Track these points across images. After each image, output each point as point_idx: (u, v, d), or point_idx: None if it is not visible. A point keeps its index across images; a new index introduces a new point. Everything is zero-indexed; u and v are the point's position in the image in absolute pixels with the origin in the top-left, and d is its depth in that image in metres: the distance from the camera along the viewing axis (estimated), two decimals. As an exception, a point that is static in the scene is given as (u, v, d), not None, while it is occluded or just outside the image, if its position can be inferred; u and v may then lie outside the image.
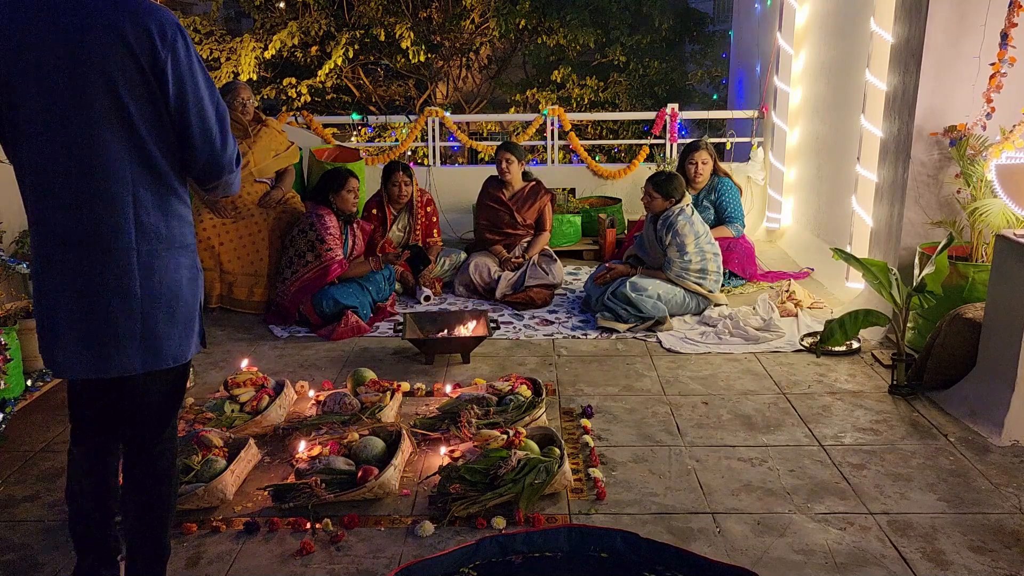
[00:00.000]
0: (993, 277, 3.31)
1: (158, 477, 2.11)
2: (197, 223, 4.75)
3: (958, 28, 3.88)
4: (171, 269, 1.92)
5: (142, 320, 1.89)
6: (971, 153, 3.82)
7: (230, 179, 2.00)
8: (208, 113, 1.89)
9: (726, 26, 13.05)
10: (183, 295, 1.96)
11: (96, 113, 1.80)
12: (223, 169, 1.97)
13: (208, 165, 1.94)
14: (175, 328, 1.95)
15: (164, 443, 2.10)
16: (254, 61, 11.45)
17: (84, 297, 1.86)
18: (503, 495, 2.68)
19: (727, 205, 5.27)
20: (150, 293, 1.89)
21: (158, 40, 1.79)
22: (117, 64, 1.78)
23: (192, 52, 1.86)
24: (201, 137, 1.89)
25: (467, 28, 12.55)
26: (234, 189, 2.07)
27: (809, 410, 3.45)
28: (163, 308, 1.92)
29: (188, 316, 1.98)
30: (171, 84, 1.82)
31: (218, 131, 1.92)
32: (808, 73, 6.10)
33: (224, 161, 1.96)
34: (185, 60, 1.84)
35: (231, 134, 1.98)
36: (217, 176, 1.97)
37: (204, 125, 1.89)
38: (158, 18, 1.81)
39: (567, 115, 6.78)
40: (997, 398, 3.20)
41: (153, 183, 1.88)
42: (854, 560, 2.43)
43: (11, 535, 2.61)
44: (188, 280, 1.97)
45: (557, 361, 4.05)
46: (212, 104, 1.90)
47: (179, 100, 1.84)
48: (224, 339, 4.42)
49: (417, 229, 5.32)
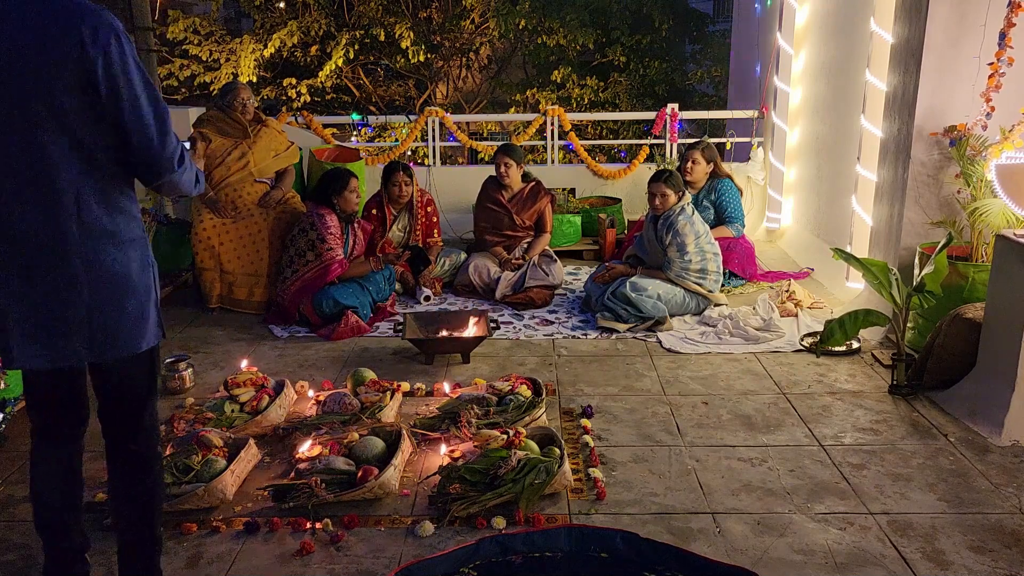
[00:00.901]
0: (993, 277, 3.31)
1: (140, 470, 2.17)
2: (197, 223, 4.75)
3: (958, 28, 3.88)
4: (118, 263, 1.97)
5: (88, 312, 1.95)
6: (971, 153, 3.82)
7: (174, 179, 2.02)
8: (144, 112, 1.92)
9: (726, 26, 13.05)
10: (132, 287, 2.00)
11: (33, 117, 1.84)
12: (163, 168, 1.99)
13: (147, 164, 1.97)
14: (125, 319, 2.00)
15: (143, 436, 2.16)
16: (254, 62, 11.46)
17: (32, 291, 1.93)
18: (503, 495, 2.68)
19: (727, 205, 5.27)
20: (96, 286, 1.94)
21: (88, 42, 1.83)
22: (50, 68, 1.82)
23: (128, 52, 1.89)
24: (137, 136, 1.92)
25: (467, 28, 12.56)
26: (183, 189, 2.09)
27: (809, 410, 3.45)
28: (110, 300, 1.97)
29: (139, 308, 2.02)
30: (103, 85, 1.85)
31: (156, 130, 1.94)
32: (808, 73, 6.10)
33: (163, 160, 1.97)
34: (118, 61, 1.87)
35: (172, 134, 2.00)
36: (158, 175, 2.00)
37: (140, 124, 1.92)
38: (91, 20, 1.85)
39: (567, 115, 6.78)
40: (997, 398, 3.20)
41: (95, 181, 1.93)
42: (854, 560, 2.44)
43: (11, 535, 2.61)
44: (138, 273, 2.02)
45: (557, 361, 4.06)
46: (150, 103, 1.93)
47: (112, 100, 1.87)
48: (224, 339, 4.42)
49: (417, 229, 5.32)
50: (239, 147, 4.92)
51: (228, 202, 4.85)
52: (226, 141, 4.92)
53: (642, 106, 11.96)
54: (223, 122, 4.92)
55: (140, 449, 2.16)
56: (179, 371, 3.70)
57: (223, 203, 4.83)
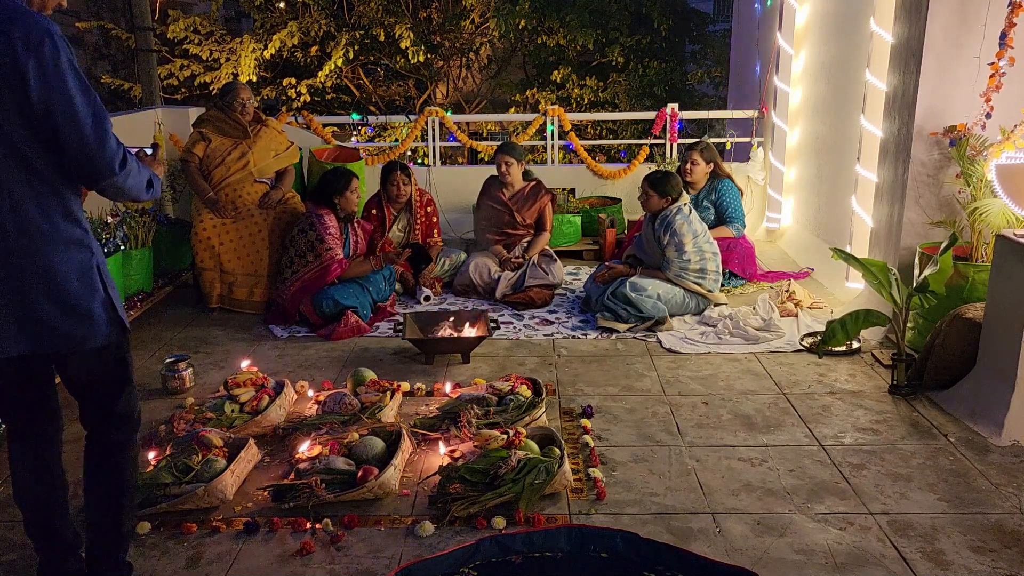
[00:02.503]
0: (993, 277, 3.31)
1: (112, 459, 2.22)
2: (197, 223, 4.75)
3: (958, 28, 3.88)
4: (56, 263, 1.98)
5: (22, 306, 1.97)
6: (971, 153, 3.82)
7: (116, 182, 2.01)
8: (79, 116, 1.90)
9: (726, 26, 13.05)
10: (71, 287, 2.00)
11: None
12: (102, 172, 1.97)
13: (85, 168, 1.96)
14: (65, 317, 2.00)
15: (114, 425, 2.20)
16: (254, 62, 11.46)
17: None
18: (503, 495, 2.68)
19: (727, 205, 5.27)
20: (31, 282, 1.96)
21: (19, 45, 1.82)
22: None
23: (62, 55, 1.88)
24: (72, 140, 1.91)
25: (467, 28, 12.56)
26: (131, 195, 2.08)
27: (809, 410, 3.45)
28: (46, 297, 1.98)
29: (81, 307, 2.02)
30: (33, 89, 1.85)
31: (93, 134, 1.93)
32: (808, 73, 6.10)
33: (103, 164, 1.96)
34: (51, 64, 1.86)
35: (111, 137, 1.98)
36: (98, 179, 1.99)
37: (75, 128, 1.90)
38: (23, 23, 1.84)
39: (567, 115, 6.79)
40: (997, 398, 3.20)
41: (30, 182, 1.93)
42: (854, 560, 2.44)
43: (11, 535, 2.61)
44: (80, 274, 2.02)
45: (557, 361, 4.06)
46: (86, 107, 1.91)
47: (44, 104, 1.87)
48: (224, 339, 4.42)
49: (417, 229, 5.32)
50: (239, 147, 4.92)
51: (228, 202, 4.85)
52: (226, 141, 4.92)
53: (641, 106, 11.96)
54: (223, 122, 4.92)
55: (114, 438, 2.20)
56: (179, 371, 3.70)
57: (223, 203, 4.83)
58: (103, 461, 2.21)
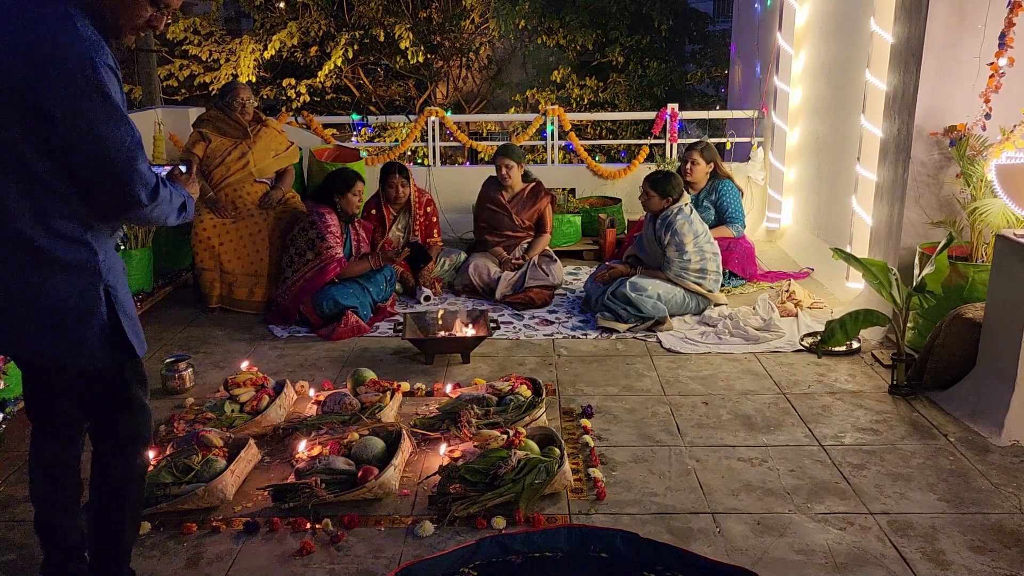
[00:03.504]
0: (993, 277, 3.31)
1: (112, 488, 2.14)
2: (197, 223, 4.75)
3: (958, 28, 3.88)
4: (46, 285, 1.87)
5: (16, 316, 1.90)
6: (971, 153, 3.81)
7: (144, 214, 1.89)
8: (108, 149, 1.78)
9: (726, 26, 13.05)
10: (65, 313, 1.90)
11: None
12: (130, 205, 1.86)
13: (111, 202, 1.86)
14: (54, 336, 1.91)
15: (121, 457, 2.12)
16: (253, 63, 11.46)
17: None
18: (503, 495, 2.68)
19: (728, 205, 5.27)
20: (17, 297, 1.88)
21: (49, 72, 1.72)
22: (3, 96, 1.74)
23: (91, 82, 1.75)
24: (98, 175, 1.81)
25: (467, 28, 12.56)
26: (159, 222, 1.97)
27: (809, 410, 3.45)
28: (31, 315, 1.89)
29: (74, 332, 1.91)
30: (58, 124, 1.75)
31: (124, 170, 1.81)
32: (808, 73, 6.10)
33: (131, 198, 1.85)
34: (81, 92, 1.74)
35: (144, 163, 1.85)
36: (124, 211, 1.88)
37: (102, 164, 1.79)
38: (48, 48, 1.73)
39: (567, 115, 6.78)
40: (997, 398, 3.20)
41: (40, 200, 1.83)
42: (854, 560, 2.44)
43: (11, 535, 2.61)
44: (75, 302, 1.90)
45: (557, 361, 4.05)
46: (114, 138, 1.79)
47: (70, 138, 1.76)
48: (224, 339, 4.42)
49: (416, 229, 5.32)
50: (239, 147, 4.91)
51: (228, 202, 4.84)
52: (226, 141, 4.92)
53: (641, 107, 11.96)
54: (223, 122, 4.92)
55: (117, 459, 2.13)
56: (179, 371, 3.70)
57: (223, 203, 4.82)
58: (105, 480, 2.14)
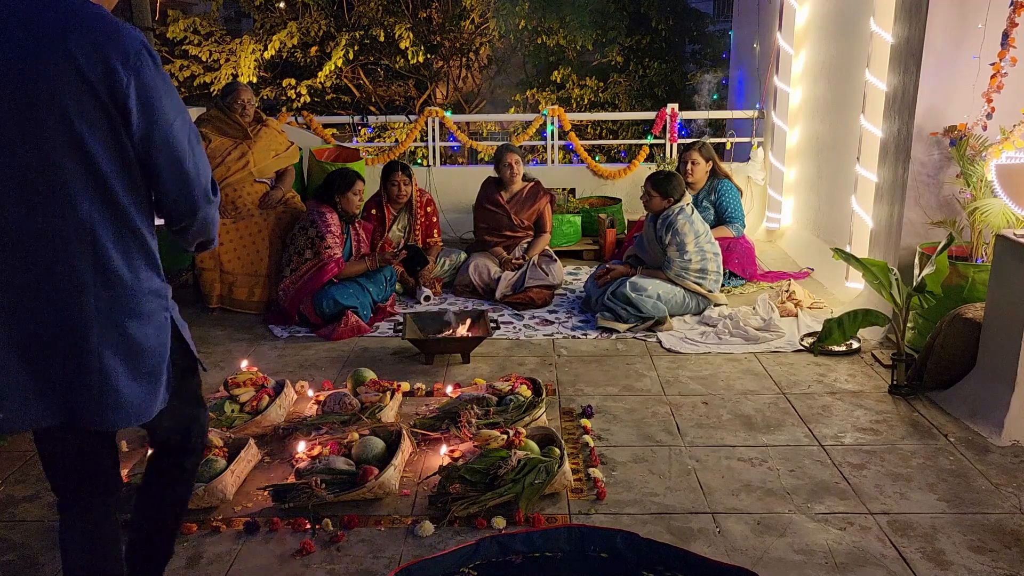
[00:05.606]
0: (993, 277, 3.31)
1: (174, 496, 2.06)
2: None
3: (958, 28, 3.88)
4: (134, 318, 1.71)
5: (100, 375, 1.68)
6: (971, 153, 3.81)
7: (206, 216, 1.78)
8: (179, 143, 1.69)
9: (726, 26, 13.05)
10: (149, 347, 1.75)
11: (49, 146, 1.59)
12: (196, 203, 1.75)
13: (179, 201, 1.73)
14: (139, 384, 1.73)
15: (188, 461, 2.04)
16: (254, 63, 11.45)
17: (28, 348, 1.65)
18: (503, 495, 2.68)
19: (727, 205, 5.27)
20: (108, 345, 1.68)
21: (119, 67, 1.59)
22: (71, 95, 1.58)
23: (159, 74, 1.65)
24: (171, 172, 1.69)
25: (467, 28, 12.55)
26: (211, 232, 1.84)
27: (809, 410, 3.45)
28: (124, 362, 1.70)
29: (154, 369, 1.77)
30: (135, 115, 1.62)
31: (192, 163, 1.71)
32: (808, 73, 6.10)
33: (197, 195, 1.74)
34: (152, 86, 1.63)
35: (205, 162, 1.76)
36: (192, 212, 1.75)
37: (174, 157, 1.68)
38: (119, 42, 1.60)
39: (567, 115, 6.79)
40: (997, 398, 3.20)
41: (115, 222, 1.67)
42: (854, 560, 2.43)
43: (11, 535, 2.61)
44: (155, 330, 1.76)
45: (557, 361, 4.05)
46: (183, 132, 1.70)
47: (145, 132, 1.64)
48: (224, 339, 4.42)
49: (417, 229, 5.32)
50: (239, 147, 4.91)
51: (228, 202, 4.84)
52: (226, 141, 4.92)
53: (641, 107, 11.96)
54: (223, 122, 4.92)
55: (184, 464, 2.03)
56: (179, 371, 3.69)
57: (223, 203, 4.83)
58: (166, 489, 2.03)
